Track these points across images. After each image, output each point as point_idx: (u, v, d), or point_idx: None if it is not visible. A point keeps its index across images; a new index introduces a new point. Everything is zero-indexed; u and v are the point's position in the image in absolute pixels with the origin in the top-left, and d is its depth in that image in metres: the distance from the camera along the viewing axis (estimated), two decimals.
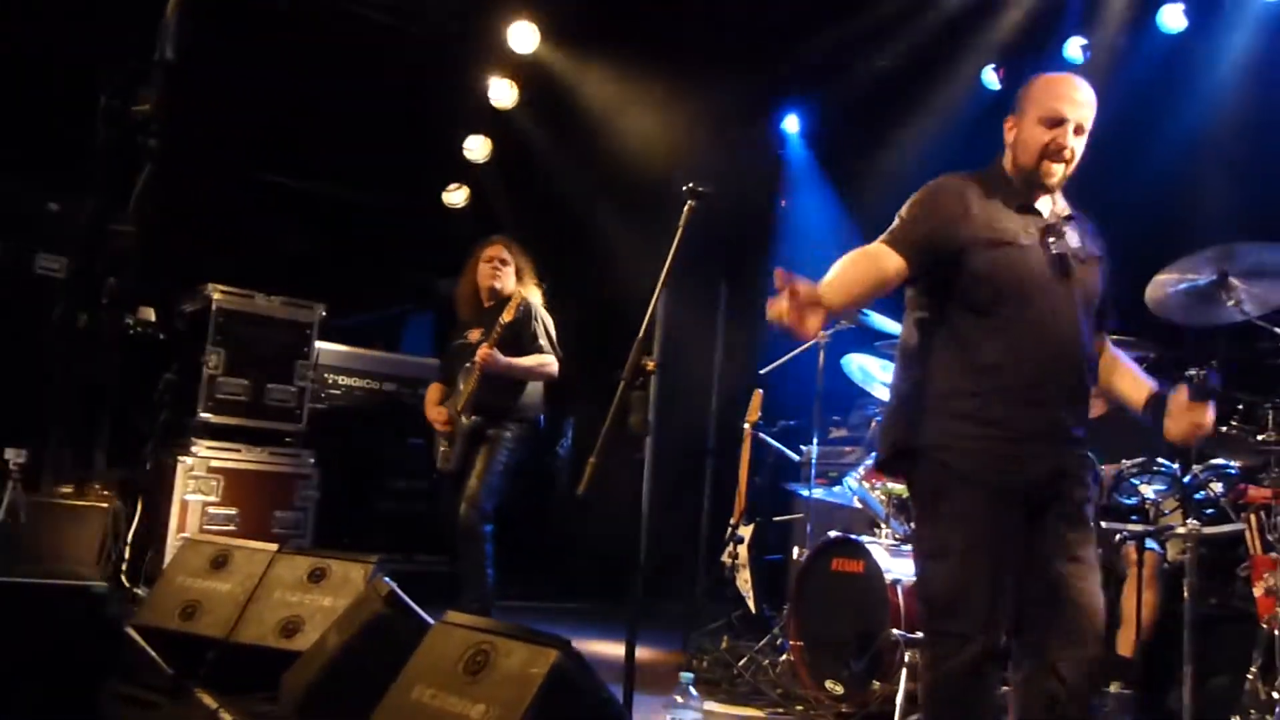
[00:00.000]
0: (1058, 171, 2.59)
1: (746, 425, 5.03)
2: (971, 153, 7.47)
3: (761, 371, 4.97)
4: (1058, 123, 2.57)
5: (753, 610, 4.94)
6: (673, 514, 7.53)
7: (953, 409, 2.51)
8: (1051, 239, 2.58)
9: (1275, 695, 3.35)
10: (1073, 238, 2.62)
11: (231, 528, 5.27)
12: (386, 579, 2.81)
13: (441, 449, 4.48)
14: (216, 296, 5.47)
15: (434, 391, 4.65)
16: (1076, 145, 2.60)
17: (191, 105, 5.52)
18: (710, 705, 3.93)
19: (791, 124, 7.22)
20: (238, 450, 5.43)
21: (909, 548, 4.19)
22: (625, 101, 6.53)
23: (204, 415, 5.38)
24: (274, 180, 6.97)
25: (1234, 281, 3.49)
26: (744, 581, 4.96)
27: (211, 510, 5.26)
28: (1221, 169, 5.55)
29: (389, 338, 7.93)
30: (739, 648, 4.50)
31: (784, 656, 4.31)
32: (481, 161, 7.09)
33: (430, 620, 2.66)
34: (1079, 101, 2.58)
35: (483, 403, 4.35)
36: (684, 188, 2.77)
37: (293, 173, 7.02)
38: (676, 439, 7.65)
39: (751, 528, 4.99)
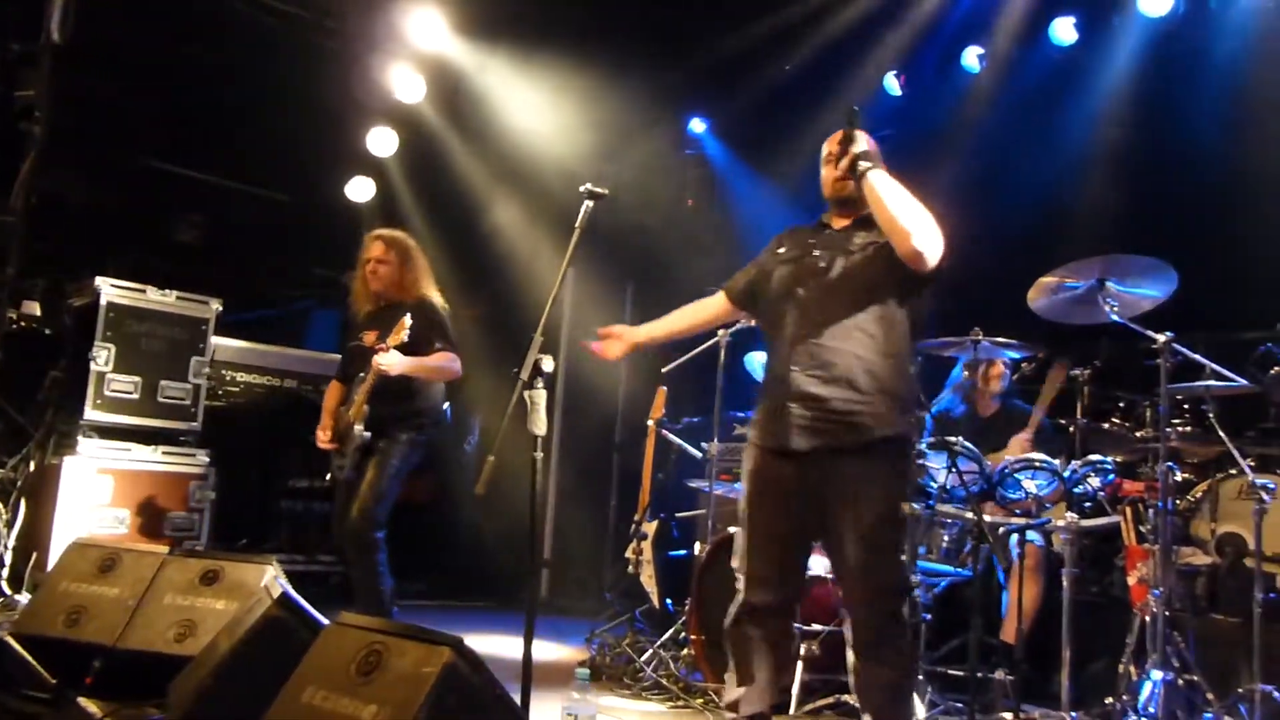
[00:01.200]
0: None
1: (650, 422, 5.08)
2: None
3: (664, 370, 5.02)
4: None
5: (656, 605, 4.99)
6: (580, 510, 7.58)
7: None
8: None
9: (1146, 676, 3.52)
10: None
11: (121, 530, 5.11)
12: (281, 580, 2.77)
13: (334, 454, 4.38)
14: (107, 290, 5.29)
15: (333, 392, 4.52)
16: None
17: (80, 91, 5.34)
18: (612, 700, 3.97)
19: (698, 126, 7.30)
20: (128, 450, 5.26)
21: None
22: (531, 98, 6.51)
23: (92, 414, 5.20)
24: (169, 170, 6.77)
25: (1110, 287, 3.67)
26: (648, 577, 5.01)
27: (100, 512, 5.09)
28: (1104, 179, 5.80)
29: (292, 333, 7.77)
30: (642, 643, 4.53)
31: (685, 651, 4.38)
32: (386, 155, 6.99)
33: (326, 622, 2.63)
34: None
35: (375, 414, 4.24)
36: (582, 188, 2.78)
37: (189, 163, 6.82)
38: (584, 436, 7.73)
39: (655, 524, 5.04)
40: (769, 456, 2.93)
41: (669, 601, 4.92)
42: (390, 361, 4.11)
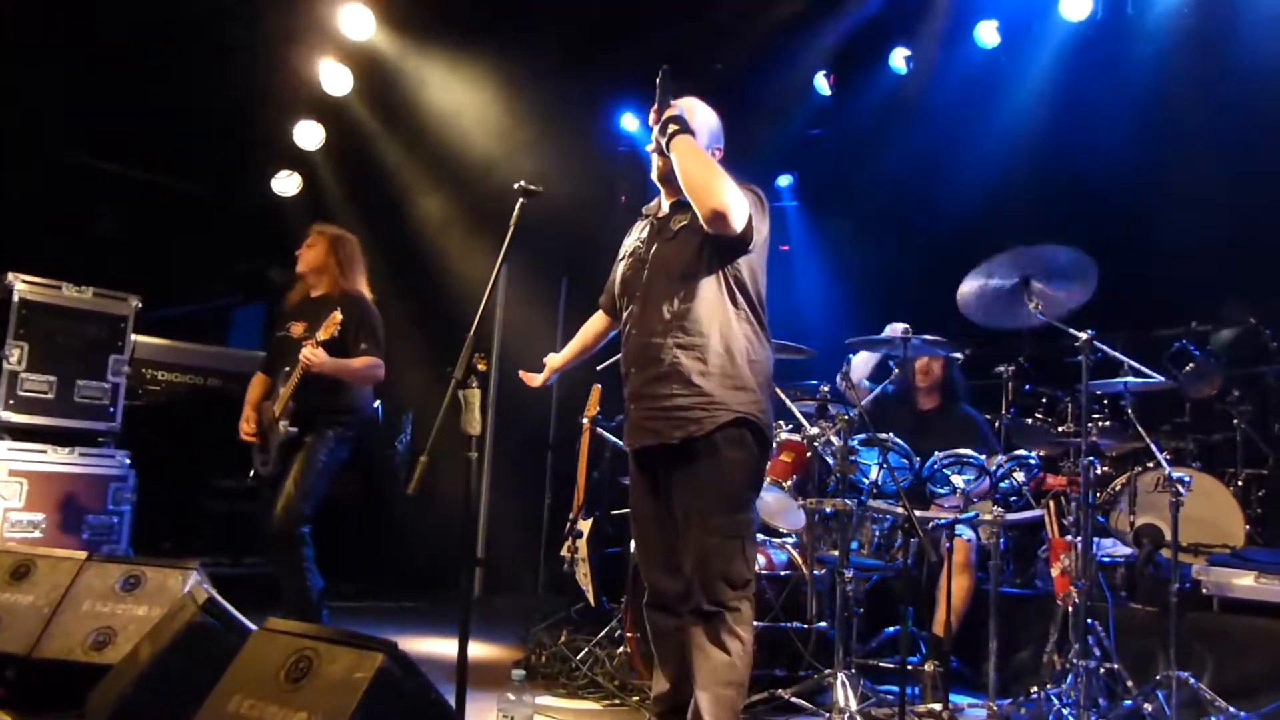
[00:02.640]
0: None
1: (585, 420, 5.05)
2: (802, 156, 7.80)
3: (599, 367, 5.01)
4: None
5: (592, 603, 4.96)
6: (514, 508, 7.53)
7: None
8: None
9: (1069, 666, 3.62)
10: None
11: (37, 535, 4.94)
12: (205, 585, 2.70)
13: (257, 451, 4.29)
14: (19, 286, 5.10)
15: (256, 385, 4.43)
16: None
17: None
18: (547, 699, 3.95)
19: (630, 122, 7.30)
20: (43, 451, 5.07)
21: None
22: (462, 94, 6.44)
23: (4, 414, 5.01)
24: (86, 163, 6.54)
25: (1035, 285, 3.76)
26: (583, 575, 4.98)
27: (14, 516, 4.91)
28: (1026, 181, 5.95)
29: (216, 330, 7.59)
30: (577, 641, 4.52)
31: (621, 649, 4.37)
32: (314, 149, 6.85)
33: (254, 627, 2.57)
34: None
35: (301, 408, 4.15)
36: (516, 186, 2.76)
37: (107, 155, 6.61)
38: (518, 434, 7.67)
39: (590, 522, 5.01)
40: (632, 456, 3.01)
41: (604, 599, 4.91)
42: (316, 357, 4.03)
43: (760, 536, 4.37)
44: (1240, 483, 5.02)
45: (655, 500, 2.94)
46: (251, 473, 4.31)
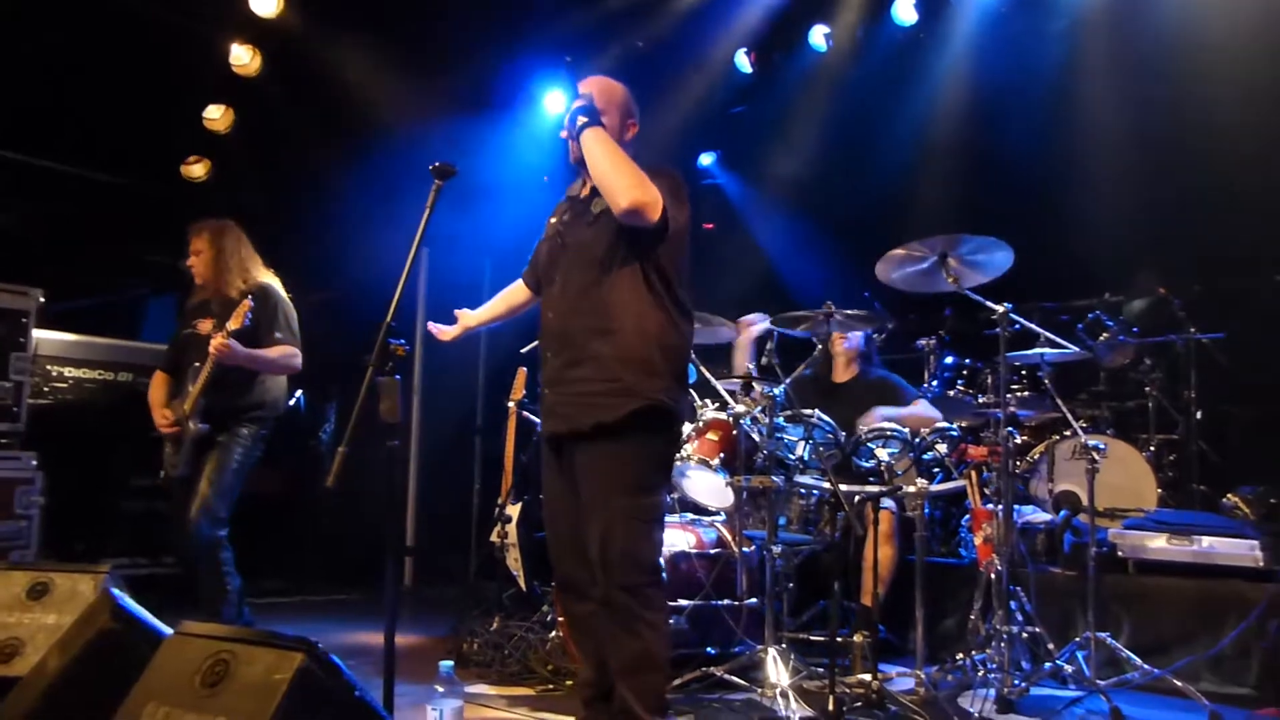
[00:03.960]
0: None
1: (511, 404, 5.01)
2: (725, 133, 7.79)
3: (524, 350, 4.96)
4: None
5: (523, 588, 4.94)
6: (443, 495, 7.45)
7: None
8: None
9: (993, 631, 3.70)
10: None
11: None
12: (115, 591, 2.59)
13: (167, 451, 4.14)
14: None
15: (158, 384, 4.25)
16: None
17: None
18: (480, 688, 3.91)
19: (553, 101, 7.21)
20: None
21: (675, 518, 4.33)
22: (377, 74, 6.28)
23: None
24: None
25: (952, 261, 3.82)
26: (514, 560, 4.95)
27: None
28: (945, 156, 6.03)
29: (126, 323, 7.33)
30: (510, 627, 4.48)
31: (554, 633, 4.35)
32: (223, 132, 6.64)
33: (169, 631, 2.48)
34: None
35: (212, 406, 4.02)
36: (431, 166, 2.69)
37: (8, 144, 6.31)
38: (444, 419, 7.58)
39: (519, 506, 4.98)
40: (545, 441, 2.99)
41: (536, 584, 4.88)
42: (228, 348, 3.90)
43: (689, 515, 4.39)
44: (1153, 448, 5.19)
45: (565, 485, 2.91)
46: (161, 474, 4.15)
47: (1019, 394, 4.43)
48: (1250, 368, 5.26)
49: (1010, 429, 3.83)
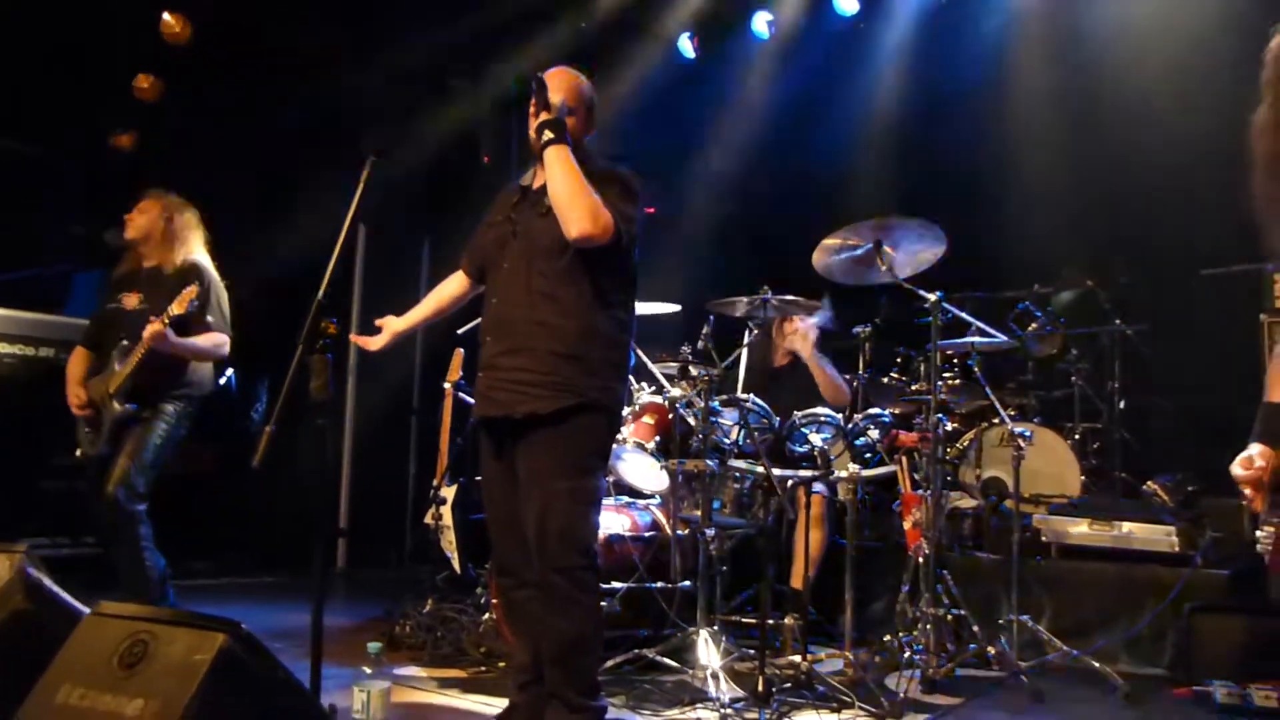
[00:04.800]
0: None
1: (447, 385, 4.96)
2: (667, 117, 7.77)
3: (460, 331, 4.92)
4: None
5: (457, 571, 4.91)
6: (377, 476, 7.37)
7: None
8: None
9: (920, 614, 3.78)
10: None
11: None
12: (31, 569, 2.52)
13: (84, 430, 4.02)
14: None
15: (78, 360, 4.13)
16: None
17: None
18: (411, 670, 3.89)
19: (496, 80, 7.13)
20: None
21: (610, 501, 4.33)
22: (315, 45, 6.15)
23: None
24: None
25: (887, 249, 3.87)
26: (448, 542, 4.91)
27: None
28: (882, 146, 6.10)
29: (51, 298, 7.10)
30: (443, 610, 4.46)
31: (487, 615, 4.33)
32: (153, 102, 6.45)
33: (87, 611, 2.42)
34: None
35: (139, 384, 3.92)
36: (365, 145, 2.65)
37: None
38: (380, 400, 7.49)
39: (455, 488, 4.94)
40: (480, 424, 2.99)
41: (470, 566, 4.85)
42: (163, 337, 3.81)
43: (624, 498, 4.40)
44: (1077, 436, 5.32)
45: (502, 468, 2.91)
46: (78, 451, 4.04)
47: (950, 382, 4.51)
48: (1171, 360, 5.41)
49: (940, 416, 3.90)
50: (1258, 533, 2.03)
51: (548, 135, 2.82)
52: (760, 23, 6.36)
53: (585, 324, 2.84)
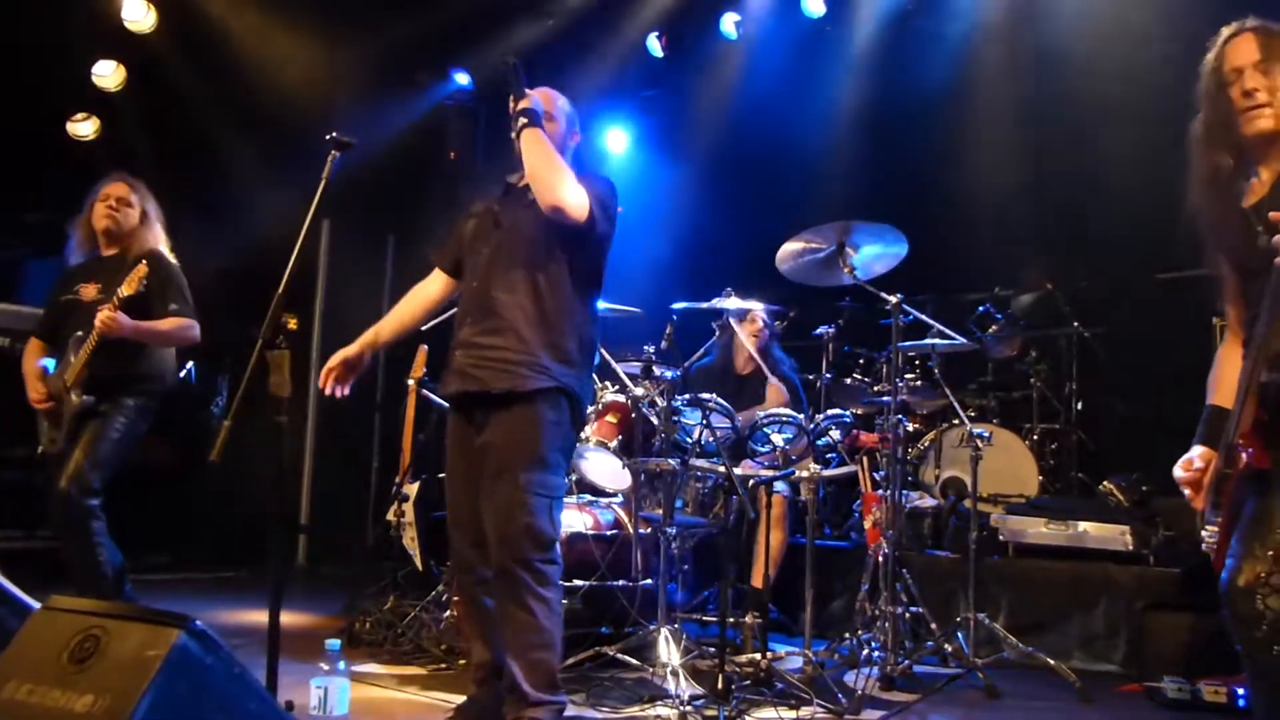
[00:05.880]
0: None
1: (411, 381, 4.94)
2: (634, 113, 7.78)
3: (424, 327, 4.89)
4: None
5: (419, 568, 4.89)
6: (340, 472, 7.31)
7: None
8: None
9: (879, 612, 3.82)
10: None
11: None
12: None
13: (44, 426, 3.92)
14: None
15: (33, 352, 4.02)
16: None
17: None
18: (371, 667, 3.87)
19: (461, 78, 7.12)
20: None
21: (572, 499, 4.33)
22: (278, 38, 6.08)
23: None
24: None
25: (849, 251, 3.90)
26: (410, 539, 4.89)
27: None
28: (846, 149, 6.15)
29: (6, 286, 6.98)
30: (404, 606, 4.44)
31: (448, 613, 4.32)
32: (114, 89, 6.35)
33: (38, 606, 2.38)
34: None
35: (96, 376, 3.81)
36: (328, 137, 2.63)
37: None
38: (343, 396, 7.42)
39: (417, 485, 4.92)
40: (450, 407, 3.02)
41: (432, 563, 4.84)
42: (115, 322, 3.70)
43: (587, 497, 4.40)
44: (1035, 437, 5.39)
45: (468, 464, 2.91)
46: (39, 449, 3.94)
47: (911, 383, 4.56)
48: (1127, 362, 5.51)
49: (901, 417, 3.94)
50: (1203, 532, 2.08)
51: (522, 121, 2.88)
52: (728, 23, 6.38)
53: (564, 314, 2.91)
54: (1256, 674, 2.04)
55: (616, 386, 4.35)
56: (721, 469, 3.77)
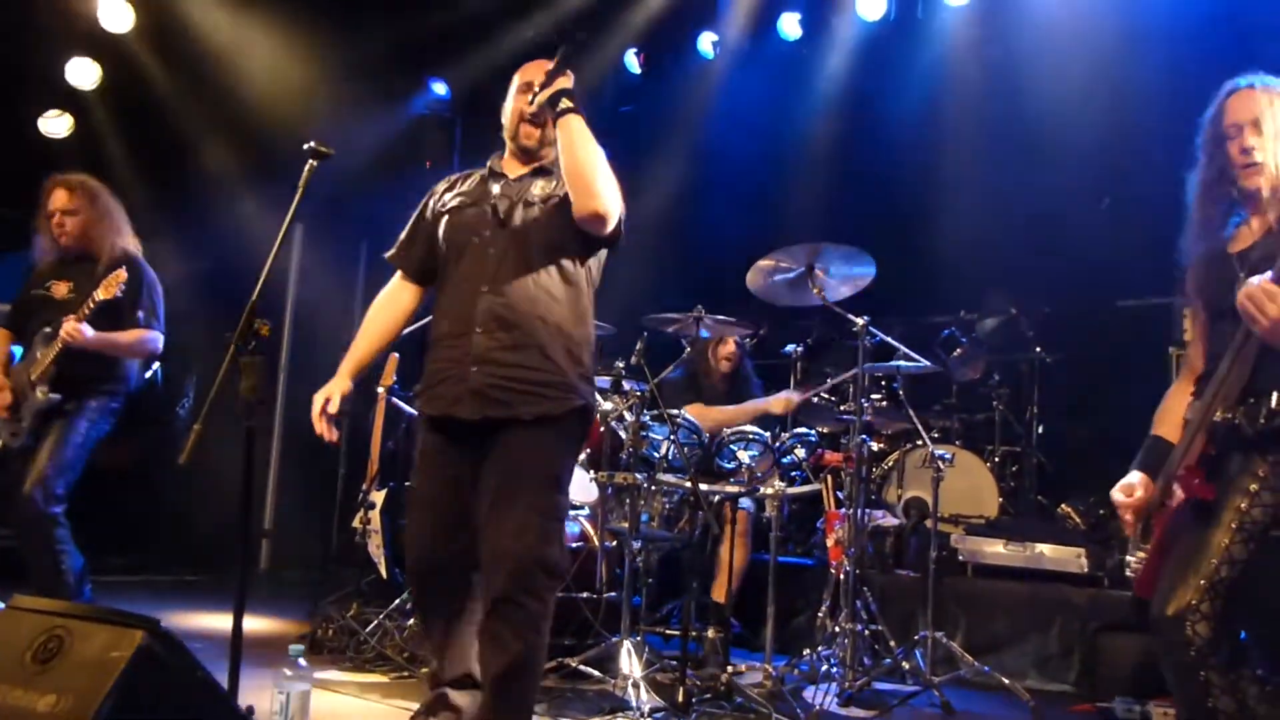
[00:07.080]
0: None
1: (380, 389, 4.94)
2: (614, 131, 7.81)
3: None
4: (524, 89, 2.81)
5: (383, 575, 4.88)
6: (306, 478, 7.27)
7: None
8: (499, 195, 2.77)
9: (839, 629, 3.87)
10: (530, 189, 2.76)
11: None
12: None
13: (3, 420, 3.89)
14: None
15: None
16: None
17: None
18: (333, 674, 3.86)
19: (438, 88, 7.15)
20: None
21: None
22: (254, 43, 6.08)
23: None
24: None
25: (818, 272, 3.97)
26: (375, 547, 4.89)
27: None
28: (818, 170, 6.24)
29: None
30: (367, 614, 4.43)
31: (411, 621, 4.32)
32: (88, 88, 6.32)
33: (1, 606, 2.38)
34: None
35: (63, 374, 3.79)
36: (306, 146, 2.64)
37: None
38: (310, 402, 7.37)
39: (384, 493, 4.92)
40: (434, 425, 2.73)
41: (396, 571, 4.83)
42: (79, 334, 3.69)
43: None
44: (997, 459, 5.49)
45: (460, 472, 2.68)
46: (0, 444, 3.91)
47: (876, 403, 4.63)
48: (1087, 387, 5.62)
49: (865, 437, 4.00)
50: (1128, 558, 2.15)
51: (565, 103, 2.62)
52: (706, 43, 6.46)
53: (582, 327, 2.73)
54: (1183, 698, 2.11)
55: None
56: (688, 483, 3.81)
